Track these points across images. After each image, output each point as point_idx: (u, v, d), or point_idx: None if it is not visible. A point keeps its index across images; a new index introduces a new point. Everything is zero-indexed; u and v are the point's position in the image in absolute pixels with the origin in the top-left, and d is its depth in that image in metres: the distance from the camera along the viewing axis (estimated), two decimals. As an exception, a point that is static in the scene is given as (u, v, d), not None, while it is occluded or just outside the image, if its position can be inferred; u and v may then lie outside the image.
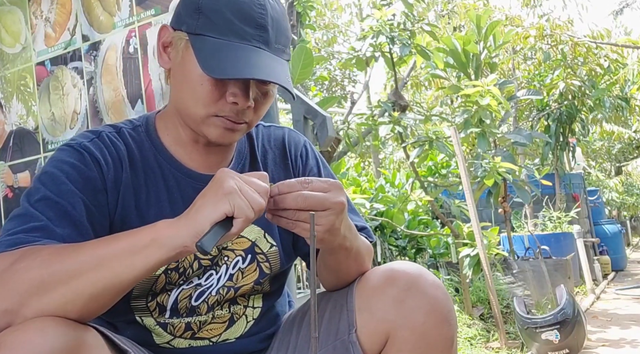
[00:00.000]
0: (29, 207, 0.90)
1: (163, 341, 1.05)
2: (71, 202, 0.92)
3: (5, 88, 2.04)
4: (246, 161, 1.12)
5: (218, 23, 0.93)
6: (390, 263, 1.01)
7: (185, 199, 1.02)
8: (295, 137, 1.19)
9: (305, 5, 5.92)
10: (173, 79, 1.02)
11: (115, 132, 1.04)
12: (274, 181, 1.11)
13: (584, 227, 7.28)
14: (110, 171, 0.99)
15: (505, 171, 3.92)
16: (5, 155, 2.03)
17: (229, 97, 0.95)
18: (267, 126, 1.19)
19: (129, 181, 1.01)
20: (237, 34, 0.93)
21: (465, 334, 3.81)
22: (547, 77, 7.23)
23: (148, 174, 1.03)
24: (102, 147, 1.00)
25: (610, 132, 11.02)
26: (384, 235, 4.99)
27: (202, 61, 0.92)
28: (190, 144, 1.06)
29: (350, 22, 12.06)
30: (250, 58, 0.92)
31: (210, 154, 1.07)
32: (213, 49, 0.92)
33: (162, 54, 1.02)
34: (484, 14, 4.74)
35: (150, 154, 1.04)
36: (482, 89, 3.99)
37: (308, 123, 2.61)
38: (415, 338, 0.93)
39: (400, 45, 4.21)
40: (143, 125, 1.08)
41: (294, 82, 3.42)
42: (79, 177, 0.95)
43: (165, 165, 1.04)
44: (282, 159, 1.16)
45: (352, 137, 5.04)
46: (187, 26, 0.96)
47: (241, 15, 0.93)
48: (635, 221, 15.57)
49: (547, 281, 4.30)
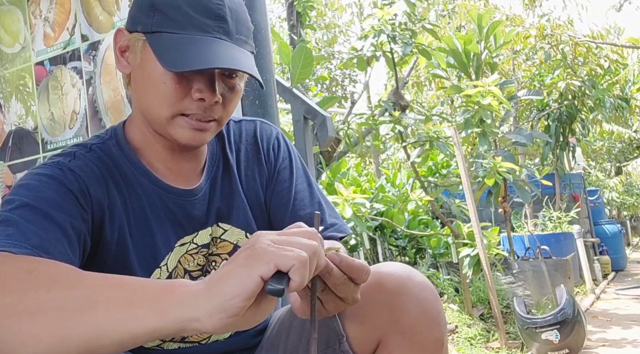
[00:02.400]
0: (8, 214, 0.82)
1: (153, 345, 1.04)
2: (55, 209, 0.84)
3: (5, 88, 2.03)
4: (219, 163, 1.09)
5: (175, 18, 0.90)
6: (378, 266, 0.96)
7: (169, 217, 1.00)
8: (267, 130, 1.16)
9: (305, 5, 5.92)
10: (134, 84, 0.98)
11: (86, 151, 0.98)
12: (247, 177, 1.10)
13: (584, 227, 7.28)
14: (93, 188, 0.93)
15: (506, 171, 3.92)
16: (5, 155, 2.03)
17: (195, 93, 0.91)
18: (237, 121, 1.15)
19: (116, 200, 0.96)
20: (195, 26, 0.90)
21: (465, 334, 3.81)
22: (547, 77, 7.23)
23: (130, 192, 0.98)
24: (82, 164, 0.94)
25: (610, 132, 11.02)
26: (384, 235, 4.99)
27: (161, 57, 0.89)
28: (164, 152, 1.01)
29: (351, 22, 12.07)
30: (212, 49, 0.89)
31: (185, 161, 1.03)
32: (172, 44, 0.89)
33: (120, 59, 0.98)
34: (486, 14, 4.73)
35: (128, 171, 0.99)
36: (483, 90, 3.99)
37: (308, 123, 2.61)
38: (406, 342, 0.92)
39: (402, 44, 4.20)
40: (113, 138, 1.02)
41: (294, 82, 3.42)
42: (60, 188, 0.88)
43: (144, 181, 1.00)
44: (255, 154, 1.12)
45: (352, 137, 5.04)
46: (143, 26, 0.93)
47: (198, 7, 0.90)
48: (635, 221, 15.57)
49: (547, 281, 4.30)
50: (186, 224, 1.02)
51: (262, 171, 1.11)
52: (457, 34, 5.15)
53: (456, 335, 3.81)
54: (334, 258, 0.76)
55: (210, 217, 1.04)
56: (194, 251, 1.03)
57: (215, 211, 1.04)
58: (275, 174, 1.12)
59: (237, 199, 1.07)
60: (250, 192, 1.09)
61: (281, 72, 6.82)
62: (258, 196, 1.10)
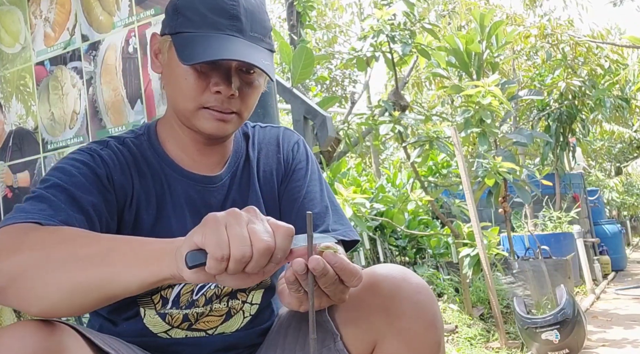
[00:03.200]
0: (43, 191, 0.94)
1: (161, 331, 1.07)
2: (82, 192, 0.96)
3: (5, 88, 2.03)
4: (241, 159, 1.16)
5: (193, 19, 0.99)
6: (373, 268, 0.96)
7: (189, 203, 1.08)
8: (290, 134, 1.24)
9: (306, 5, 5.91)
10: (165, 82, 1.09)
11: (119, 143, 1.09)
12: (265, 173, 1.17)
13: (584, 227, 7.28)
14: (117, 175, 1.03)
15: (506, 171, 3.92)
16: (5, 155, 2.03)
17: (212, 86, 1.00)
18: (263, 127, 1.24)
19: (139, 188, 1.06)
20: (211, 25, 0.98)
21: (465, 334, 3.81)
22: (547, 77, 7.23)
23: (155, 181, 1.08)
24: (111, 153, 1.05)
25: (610, 132, 11.01)
26: (384, 235, 4.99)
27: (180, 53, 0.98)
28: (191, 144, 1.10)
29: (351, 22, 12.06)
30: (223, 44, 0.97)
31: (212, 154, 1.11)
32: (189, 41, 0.98)
33: (155, 60, 1.09)
34: (488, 13, 4.73)
35: (154, 161, 1.09)
36: (484, 90, 3.99)
37: (308, 123, 2.61)
38: (403, 345, 0.91)
39: (401, 44, 4.20)
40: (145, 134, 1.12)
41: (294, 82, 3.42)
42: (90, 173, 0.99)
43: (168, 171, 1.09)
44: (275, 154, 1.19)
45: (352, 137, 5.04)
46: (170, 28, 1.03)
47: (214, 8, 0.99)
48: (635, 221, 15.57)
49: (547, 281, 4.30)
50: (204, 211, 1.02)
51: (279, 168, 1.18)
52: (459, 34, 5.15)
53: (456, 335, 3.81)
54: (329, 258, 0.78)
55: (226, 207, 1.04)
56: None
57: (231, 201, 1.10)
58: (290, 173, 1.18)
59: (253, 192, 1.13)
60: (266, 187, 1.16)
61: (281, 72, 6.82)
62: (273, 191, 1.16)
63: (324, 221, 1.11)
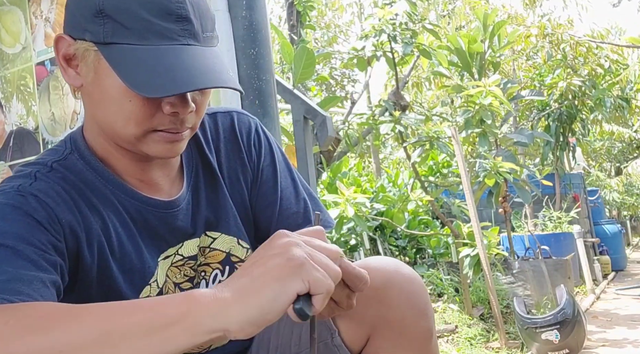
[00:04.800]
0: None
1: None
2: (22, 243, 0.74)
3: (5, 88, 2.04)
4: (198, 167, 0.99)
5: (131, 26, 0.78)
6: (366, 260, 0.95)
7: (151, 231, 0.92)
8: (245, 122, 1.05)
9: (305, 5, 5.91)
10: (88, 98, 0.86)
11: (47, 171, 0.86)
12: (231, 179, 1.03)
13: (584, 227, 7.27)
14: (61, 214, 0.82)
15: (507, 171, 3.92)
16: (5, 155, 2.03)
17: (166, 107, 0.81)
18: (211, 114, 1.04)
19: (89, 221, 0.85)
20: (157, 34, 0.78)
21: (465, 334, 3.81)
22: (547, 77, 7.23)
23: (107, 209, 0.88)
24: (45, 188, 0.83)
25: (610, 132, 11.02)
26: (384, 235, 5.00)
27: (127, 77, 0.77)
28: (131, 164, 0.91)
29: (351, 22, 12.07)
30: (183, 61, 0.78)
31: (156, 169, 0.93)
32: (135, 59, 0.77)
33: (67, 69, 0.85)
34: (492, 13, 4.74)
35: (100, 185, 0.88)
36: (485, 90, 4.00)
37: (308, 123, 2.61)
38: (395, 335, 0.92)
39: (402, 44, 4.21)
40: (74, 152, 0.90)
41: (295, 82, 3.42)
42: (24, 218, 0.78)
43: (119, 195, 0.90)
44: (237, 152, 1.03)
45: (352, 137, 5.04)
46: (92, 35, 0.79)
47: (156, 9, 0.78)
48: (635, 221, 15.56)
49: (547, 281, 4.30)
50: (168, 237, 0.94)
51: (245, 171, 1.03)
52: (462, 33, 5.15)
53: (456, 335, 3.81)
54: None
55: (198, 228, 0.97)
56: (179, 263, 0.96)
57: (202, 220, 0.97)
58: (259, 174, 1.04)
59: (225, 204, 1.00)
60: (236, 195, 1.02)
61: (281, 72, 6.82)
62: (243, 198, 1.03)
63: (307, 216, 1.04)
